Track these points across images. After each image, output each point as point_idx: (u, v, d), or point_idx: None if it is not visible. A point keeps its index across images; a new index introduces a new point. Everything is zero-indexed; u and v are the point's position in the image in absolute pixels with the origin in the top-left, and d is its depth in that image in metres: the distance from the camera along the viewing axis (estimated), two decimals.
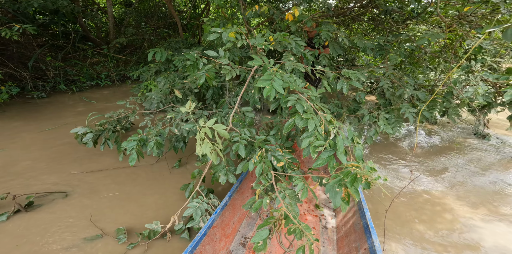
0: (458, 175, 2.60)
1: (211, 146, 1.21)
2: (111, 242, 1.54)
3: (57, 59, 4.53)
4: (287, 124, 1.30)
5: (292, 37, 1.93)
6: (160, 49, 2.93)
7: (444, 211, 2.02)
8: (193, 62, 1.62)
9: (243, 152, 1.33)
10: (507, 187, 2.40)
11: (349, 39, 2.28)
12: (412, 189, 2.30)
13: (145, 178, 2.21)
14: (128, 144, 1.60)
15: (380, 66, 2.38)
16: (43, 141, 2.69)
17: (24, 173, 2.15)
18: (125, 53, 6.01)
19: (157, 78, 3.18)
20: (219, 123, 1.26)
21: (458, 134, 3.73)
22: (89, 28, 6.00)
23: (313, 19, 2.92)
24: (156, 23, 6.50)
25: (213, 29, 1.70)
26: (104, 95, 4.48)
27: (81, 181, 2.10)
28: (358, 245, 1.36)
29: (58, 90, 4.31)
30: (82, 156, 2.48)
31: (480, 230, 1.83)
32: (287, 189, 1.27)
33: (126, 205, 1.86)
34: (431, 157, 2.95)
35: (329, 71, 1.74)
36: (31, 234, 1.56)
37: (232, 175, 1.54)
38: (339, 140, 1.19)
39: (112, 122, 2.30)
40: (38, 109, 3.54)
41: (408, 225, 1.85)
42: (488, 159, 2.96)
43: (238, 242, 1.56)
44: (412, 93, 2.05)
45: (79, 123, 3.15)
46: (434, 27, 2.52)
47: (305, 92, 1.47)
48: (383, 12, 2.91)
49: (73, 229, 1.62)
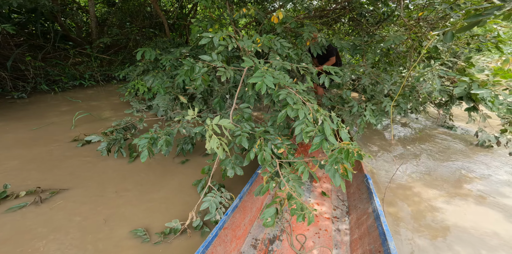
0: (426, 161, 2.90)
1: (217, 141, 1.32)
2: (135, 242, 1.54)
3: (37, 59, 4.37)
4: (280, 114, 1.45)
5: (277, 38, 2.08)
6: (148, 48, 2.97)
7: (414, 195, 2.27)
8: (190, 67, 1.72)
9: (246, 144, 1.45)
10: (469, 172, 2.73)
11: (327, 40, 2.48)
12: (387, 175, 2.55)
13: (155, 178, 2.20)
14: (139, 141, 1.66)
15: (360, 65, 2.62)
16: (31, 141, 2.64)
17: (15, 171, 2.11)
18: (109, 53, 5.87)
19: (145, 77, 3.20)
20: (223, 119, 1.39)
21: (426, 126, 4.10)
22: (69, 28, 5.80)
23: (297, 21, 3.11)
24: (142, 23, 6.42)
25: (204, 33, 1.81)
26: (89, 95, 4.39)
27: (75, 181, 2.07)
28: (372, 247, 1.34)
29: (39, 91, 4.16)
30: (74, 155, 2.46)
31: (444, 210, 2.09)
32: (291, 174, 1.41)
33: (137, 205, 1.86)
34: (404, 147, 3.25)
35: (311, 67, 1.92)
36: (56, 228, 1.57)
37: (238, 168, 1.64)
38: (326, 125, 1.36)
39: (120, 130, 2.34)
40: (20, 109, 3.42)
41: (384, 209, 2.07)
42: (453, 147, 3.32)
43: (249, 244, 1.55)
44: (390, 88, 2.29)
45: (65, 123, 3.10)
46: (400, 29, 2.81)
47: (293, 86, 1.63)
48: (358, 15, 3.17)
49: (84, 228, 1.61)
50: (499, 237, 1.81)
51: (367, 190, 1.79)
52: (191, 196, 1.99)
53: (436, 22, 2.10)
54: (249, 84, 1.67)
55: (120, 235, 1.58)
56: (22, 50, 4.12)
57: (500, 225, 1.93)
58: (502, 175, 2.68)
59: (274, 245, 1.56)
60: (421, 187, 2.39)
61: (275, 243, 1.57)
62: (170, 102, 2.68)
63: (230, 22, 3.24)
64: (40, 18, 4.60)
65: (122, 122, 2.47)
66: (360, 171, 2.11)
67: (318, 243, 1.59)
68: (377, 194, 1.82)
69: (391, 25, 3.29)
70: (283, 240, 1.60)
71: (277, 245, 1.56)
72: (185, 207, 1.86)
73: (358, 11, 3.08)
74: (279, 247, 1.55)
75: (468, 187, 2.42)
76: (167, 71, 3.20)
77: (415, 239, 1.75)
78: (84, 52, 5.34)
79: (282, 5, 4.37)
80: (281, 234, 1.64)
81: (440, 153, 3.12)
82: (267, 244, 1.57)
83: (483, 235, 1.82)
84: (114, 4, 6.48)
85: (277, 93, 1.52)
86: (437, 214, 2.02)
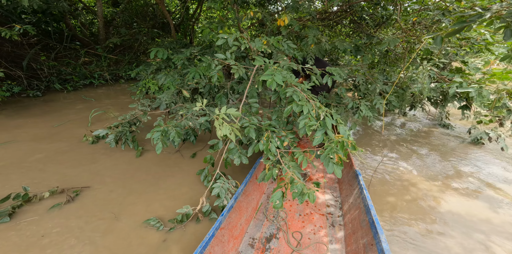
0: (423, 156, 3.10)
1: (229, 127, 1.49)
2: (150, 230, 1.67)
3: (50, 58, 4.54)
4: (286, 109, 1.63)
5: (284, 40, 2.27)
6: (161, 48, 3.16)
7: (410, 186, 2.47)
8: (207, 64, 1.90)
9: (254, 135, 1.62)
10: (461, 166, 2.92)
11: (330, 43, 2.68)
12: (385, 169, 2.74)
13: (163, 169, 2.39)
14: (153, 135, 1.83)
15: (357, 65, 2.80)
16: (50, 137, 2.82)
17: (39, 165, 2.29)
18: (114, 53, 6.04)
19: (157, 75, 3.39)
20: (230, 108, 1.56)
21: (423, 125, 4.30)
22: (75, 28, 5.96)
23: (301, 23, 3.30)
24: (148, 23, 6.58)
25: (220, 35, 2.00)
26: (99, 93, 4.56)
27: (98, 175, 2.23)
28: (365, 241, 1.38)
29: (52, 89, 4.33)
30: (90, 151, 2.63)
31: (438, 199, 2.27)
32: (291, 162, 1.57)
33: (149, 197, 2.00)
34: (403, 144, 3.44)
35: (316, 68, 2.11)
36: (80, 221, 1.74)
37: (244, 157, 1.79)
38: (328, 120, 1.54)
39: (125, 124, 2.52)
40: (37, 107, 3.59)
41: (382, 198, 2.26)
42: (447, 144, 3.52)
43: (246, 243, 1.57)
44: (381, 87, 2.48)
45: (83, 120, 3.28)
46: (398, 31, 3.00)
47: (299, 85, 1.82)
48: (358, 18, 3.36)
49: (106, 219, 1.74)
50: (489, 222, 2.01)
51: (358, 186, 1.84)
52: (197, 185, 2.18)
53: (430, 26, 2.29)
54: (259, 81, 1.85)
55: (136, 225, 1.72)
56: (35, 49, 4.28)
57: (490, 213, 2.13)
58: (493, 168, 2.87)
59: (271, 243, 1.60)
60: (414, 179, 2.58)
61: (272, 241, 1.61)
62: (174, 96, 2.89)
63: (236, 24, 3.43)
64: (49, 18, 4.75)
65: (127, 116, 2.64)
66: (350, 167, 2.14)
67: (314, 240, 1.63)
68: (366, 187, 1.89)
69: (389, 28, 3.48)
70: (280, 238, 1.63)
71: (274, 243, 1.60)
72: (192, 195, 2.04)
73: (359, 14, 3.27)
74: (276, 245, 1.58)
75: (460, 180, 2.62)
76: (178, 70, 3.39)
77: (411, 224, 1.94)
78: (91, 52, 5.51)
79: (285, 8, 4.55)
80: (277, 232, 1.69)
81: (434, 149, 3.32)
82: (264, 242, 1.60)
83: (475, 221, 2.01)
84: (118, 5, 6.64)
85: (284, 91, 1.70)
86: (430, 203, 2.21)
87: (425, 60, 2.44)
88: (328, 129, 1.53)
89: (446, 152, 3.23)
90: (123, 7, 6.47)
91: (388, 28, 3.51)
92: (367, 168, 2.70)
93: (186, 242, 1.60)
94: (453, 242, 1.78)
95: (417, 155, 3.10)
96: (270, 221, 1.79)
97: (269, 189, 2.18)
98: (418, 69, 2.24)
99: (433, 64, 2.35)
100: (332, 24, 4.54)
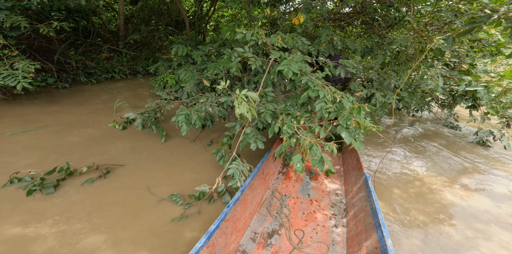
0: (431, 155, 3.19)
1: (247, 106, 1.60)
2: (171, 205, 1.85)
3: (77, 53, 4.87)
4: (303, 95, 1.78)
5: (299, 37, 2.44)
6: (181, 45, 3.39)
7: (416, 180, 2.58)
8: (228, 56, 2.10)
9: (269, 119, 1.79)
10: (465, 164, 3.00)
11: (342, 42, 2.82)
12: (393, 165, 2.86)
13: (184, 153, 2.65)
14: (177, 118, 2.04)
15: (369, 62, 2.93)
16: (81, 122, 3.09)
17: (74, 146, 2.56)
18: (132, 49, 6.36)
19: (177, 70, 3.63)
20: (250, 92, 1.70)
21: (431, 126, 4.36)
22: (97, 25, 6.30)
23: (314, 23, 3.45)
24: (163, 21, 6.87)
25: (239, 30, 2.19)
26: (120, 86, 4.86)
27: (129, 157, 2.47)
28: (369, 244, 1.35)
29: (78, 82, 4.65)
30: (119, 136, 2.89)
31: (444, 195, 2.37)
32: (308, 133, 1.64)
33: (172, 176, 2.23)
34: (412, 142, 3.54)
35: (329, 61, 2.27)
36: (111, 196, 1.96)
37: (260, 142, 1.93)
38: (345, 101, 1.64)
39: (151, 111, 2.77)
40: (67, 97, 3.91)
41: (389, 190, 2.39)
42: (454, 144, 3.58)
43: (248, 237, 1.58)
44: (396, 83, 2.60)
45: (108, 109, 3.56)
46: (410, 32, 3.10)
47: (313, 75, 1.96)
48: (371, 19, 3.48)
49: (135, 195, 1.96)
50: (490, 213, 2.10)
51: (366, 189, 1.81)
52: (214, 169, 2.39)
53: (442, 27, 2.38)
54: (275, 72, 2.01)
55: (157, 200, 1.91)
56: (65, 45, 4.62)
57: (490, 205, 2.22)
58: (496, 167, 2.94)
59: (273, 239, 1.60)
60: (420, 175, 2.69)
61: (274, 237, 1.61)
62: (195, 86, 3.19)
63: (250, 22, 3.62)
64: (77, 15, 5.08)
65: (152, 104, 2.89)
66: (359, 170, 2.12)
67: (316, 239, 1.62)
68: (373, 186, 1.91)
69: (401, 29, 3.58)
70: (282, 234, 1.62)
71: (276, 239, 1.59)
72: (209, 177, 2.23)
73: (371, 16, 3.38)
74: (278, 241, 1.58)
75: (464, 176, 2.70)
76: (196, 65, 3.61)
77: (417, 208, 2.07)
78: (112, 48, 5.83)
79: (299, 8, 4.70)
80: (279, 229, 1.68)
81: (442, 149, 3.40)
82: (266, 237, 1.60)
83: (476, 212, 2.10)
84: (136, 2, 6.95)
85: (299, 79, 1.84)
86: (434, 196, 2.32)
87: (436, 59, 2.52)
88: (345, 109, 1.58)
89: (452, 151, 3.29)
90: (141, 5, 6.78)
91: (400, 29, 3.60)
92: (372, 160, 2.83)
93: (199, 220, 1.76)
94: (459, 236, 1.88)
95: (423, 154, 3.19)
96: (273, 217, 1.79)
97: (274, 184, 2.20)
98: (429, 67, 2.33)
99: (444, 63, 2.44)
100: (343, 25, 4.65)
